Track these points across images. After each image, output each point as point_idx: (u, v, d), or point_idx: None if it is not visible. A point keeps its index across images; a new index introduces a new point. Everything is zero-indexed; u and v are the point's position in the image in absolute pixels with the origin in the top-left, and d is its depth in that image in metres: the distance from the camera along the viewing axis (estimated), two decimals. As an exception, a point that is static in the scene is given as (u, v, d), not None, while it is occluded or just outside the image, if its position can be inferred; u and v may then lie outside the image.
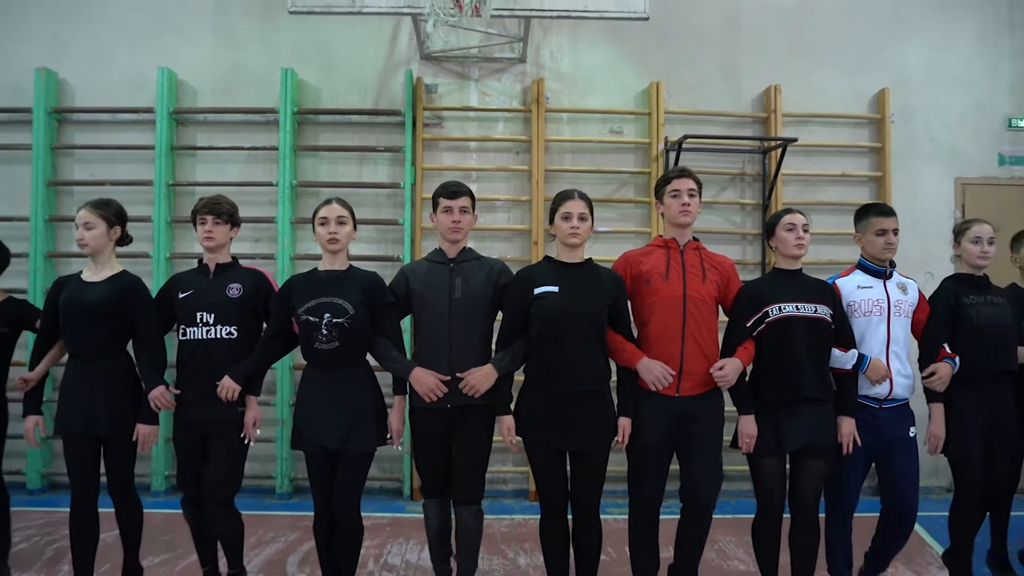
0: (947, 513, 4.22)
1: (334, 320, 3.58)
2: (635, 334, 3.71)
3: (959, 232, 4.24)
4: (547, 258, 3.77)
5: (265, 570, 4.56)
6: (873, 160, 6.76)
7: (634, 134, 6.65)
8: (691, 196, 3.68)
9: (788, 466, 3.76)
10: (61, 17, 6.63)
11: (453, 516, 3.83)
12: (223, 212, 3.86)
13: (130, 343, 3.86)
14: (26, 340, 4.55)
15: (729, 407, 3.70)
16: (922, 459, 3.93)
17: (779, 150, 6.35)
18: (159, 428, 3.89)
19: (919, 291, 4.00)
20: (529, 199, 6.43)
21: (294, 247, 6.35)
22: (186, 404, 3.79)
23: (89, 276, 3.83)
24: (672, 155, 6.34)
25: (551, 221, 3.71)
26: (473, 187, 6.28)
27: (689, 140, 6.22)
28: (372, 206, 6.44)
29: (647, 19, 5.08)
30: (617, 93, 6.66)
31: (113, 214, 3.89)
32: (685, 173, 3.74)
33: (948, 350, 3.96)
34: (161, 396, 3.73)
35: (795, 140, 6.25)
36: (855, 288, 3.90)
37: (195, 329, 3.76)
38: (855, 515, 3.91)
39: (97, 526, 3.84)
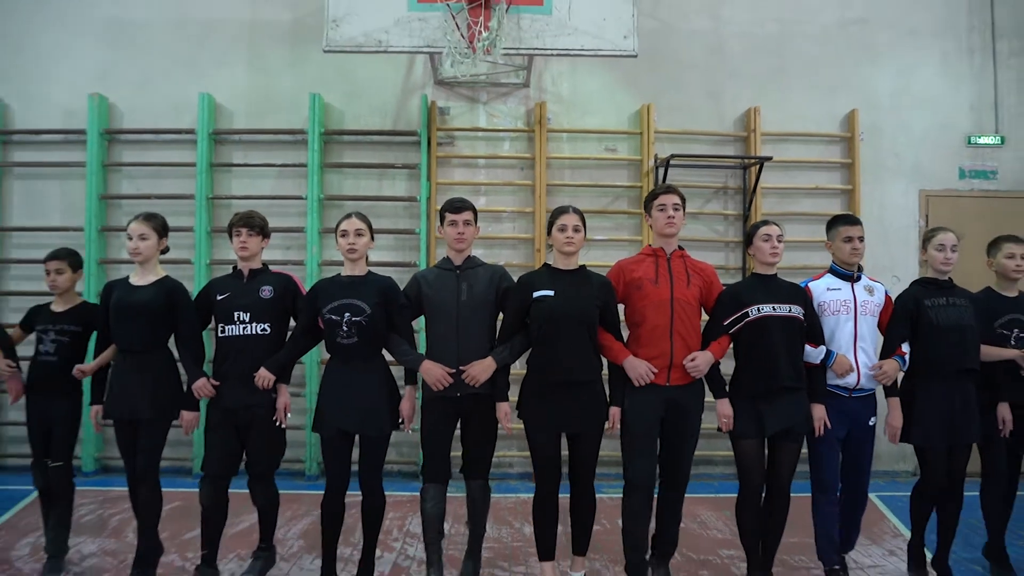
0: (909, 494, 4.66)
1: (353, 319, 4.12)
2: (629, 333, 4.24)
3: (926, 240, 4.58)
4: (545, 265, 4.31)
5: (303, 538, 5.27)
6: (844, 175, 7.44)
7: (627, 152, 7.36)
8: (675, 210, 4.20)
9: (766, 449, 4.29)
10: (111, 47, 7.34)
11: (465, 493, 4.39)
12: (255, 225, 4.42)
13: (171, 339, 4.42)
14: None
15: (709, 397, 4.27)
16: (890, 446, 4.48)
17: (757, 166, 7.03)
18: (200, 414, 4.43)
19: (886, 293, 4.48)
20: (533, 211, 7.12)
21: (321, 254, 7.05)
22: (224, 393, 4.29)
23: (137, 280, 4.37)
24: (661, 171, 7.03)
25: (549, 232, 4.25)
26: (482, 200, 7.14)
27: (676, 158, 6.92)
28: (391, 217, 7.14)
29: (636, 56, 5.75)
30: (612, 114, 7.36)
31: (161, 226, 4.46)
32: (671, 190, 4.28)
33: (904, 348, 4.39)
34: (204, 386, 4.27)
35: (771, 158, 6.95)
36: (825, 290, 4.39)
37: (233, 327, 4.29)
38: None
39: (160, 499, 4.38)
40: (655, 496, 4.27)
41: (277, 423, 4.33)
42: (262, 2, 7.34)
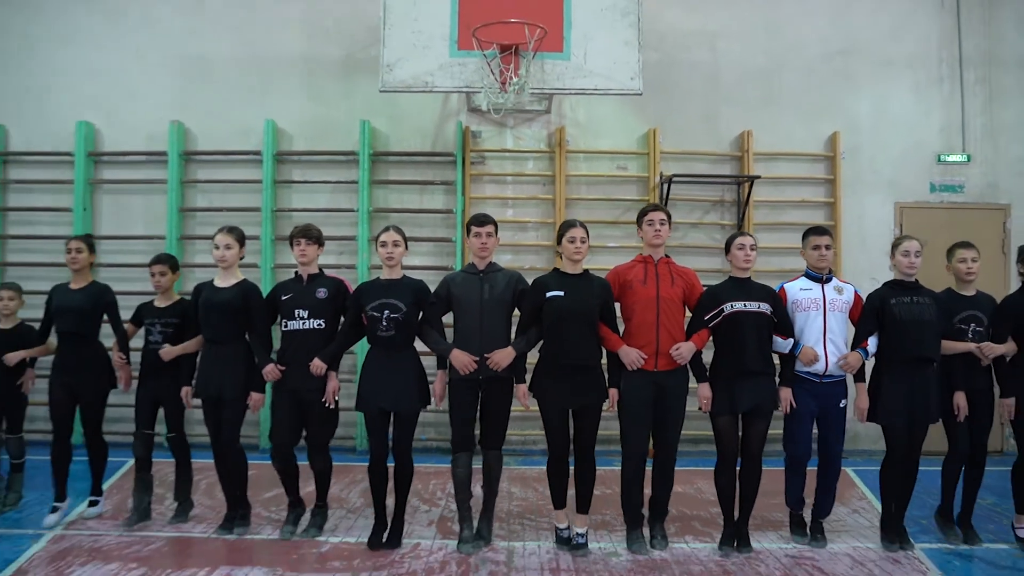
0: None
1: (391, 315, 5.01)
2: (624, 326, 5.13)
3: (894, 246, 5.23)
4: (555, 269, 5.11)
5: (361, 496, 6.36)
6: (827, 189, 8.45)
7: (636, 169, 8.40)
8: (661, 224, 5.10)
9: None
10: (187, 79, 8.46)
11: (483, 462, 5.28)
12: (312, 236, 5.32)
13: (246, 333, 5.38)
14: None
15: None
16: (867, 428, 5.27)
17: (749, 182, 8.05)
18: (265, 396, 5.35)
19: (856, 293, 5.26)
20: (553, 221, 8.15)
21: (370, 260, 8.13)
22: (287, 377, 5.21)
23: (220, 283, 5.33)
24: (665, 187, 8.06)
25: (559, 242, 5.09)
26: (509, 212, 8.18)
27: (678, 176, 7.95)
28: (430, 227, 8.21)
29: (640, 94, 6.79)
30: (622, 137, 8.40)
31: (241, 237, 5.43)
32: (657, 208, 5.19)
33: (870, 341, 5.08)
34: (272, 371, 5.19)
35: (759, 176, 7.98)
36: (798, 290, 5.21)
37: (294, 322, 5.15)
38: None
39: (245, 463, 5.44)
40: (649, 466, 5.17)
41: (327, 404, 5.19)
42: (318, 40, 8.43)
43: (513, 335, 5.11)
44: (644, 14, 6.99)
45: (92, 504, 5.79)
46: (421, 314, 5.13)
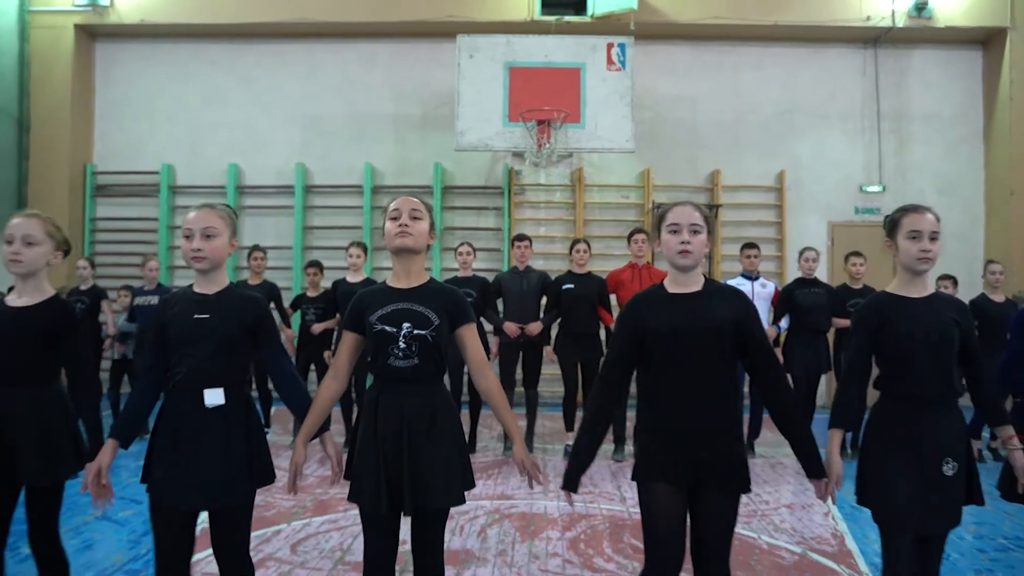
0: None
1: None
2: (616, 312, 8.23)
3: (800, 255, 7.67)
4: (569, 271, 7.87)
5: None
6: (776, 212, 11.44)
7: (635, 198, 11.44)
8: (643, 242, 7.80)
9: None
10: (307, 131, 11.59)
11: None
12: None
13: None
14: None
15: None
16: None
17: (716, 208, 11.07)
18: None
19: (775, 287, 7.99)
20: (574, 236, 11.15)
21: (441, 264, 11.22)
22: None
23: (351, 279, 8.04)
24: (656, 212, 11.06)
25: (570, 253, 7.89)
26: (541, 229, 11.26)
27: (663, 207, 10.96)
28: (485, 240, 11.28)
29: (633, 151, 9.83)
30: (625, 174, 11.43)
31: (366, 248, 8.44)
32: (640, 231, 7.97)
33: (783, 320, 7.87)
34: None
35: (721, 205, 11.00)
36: (736, 285, 8.28)
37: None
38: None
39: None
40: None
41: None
42: (402, 103, 11.53)
43: (542, 314, 7.90)
44: (641, 84, 10.06)
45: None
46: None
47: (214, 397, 2.93)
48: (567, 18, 10.88)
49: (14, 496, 3.21)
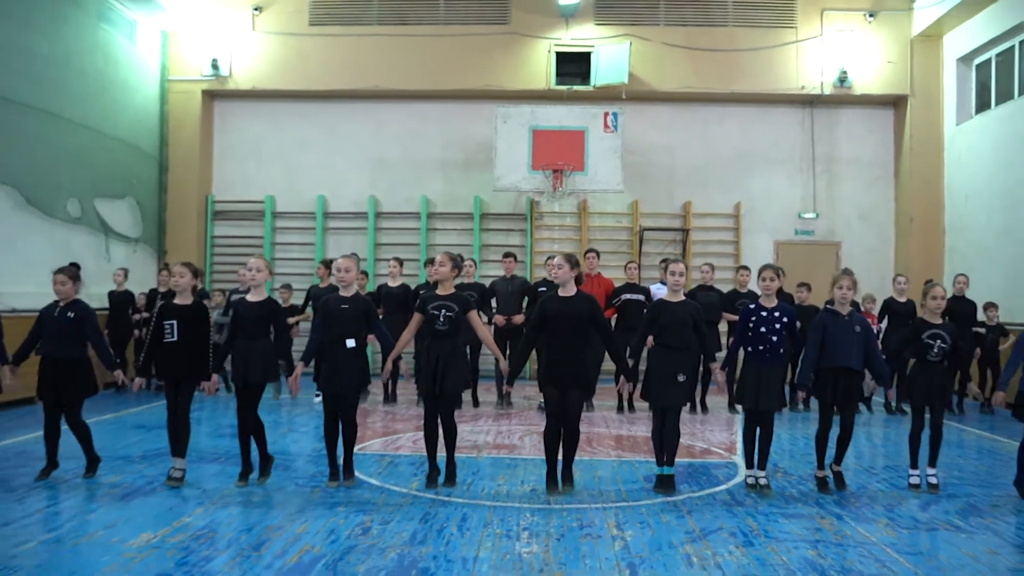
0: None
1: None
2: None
3: (751, 270, 12.05)
4: (544, 278, 11.84)
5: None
6: (734, 234, 15.01)
7: (626, 223, 15.05)
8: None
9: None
10: (375, 169, 15.24)
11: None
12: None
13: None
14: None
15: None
16: None
17: (685, 232, 14.65)
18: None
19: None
20: (579, 252, 14.78)
21: (481, 272, 14.80)
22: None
23: (391, 283, 11.85)
24: (642, 234, 14.66)
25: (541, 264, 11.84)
26: (555, 247, 14.93)
27: (648, 229, 14.58)
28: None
29: (623, 191, 13.43)
30: (618, 205, 15.03)
31: (402, 263, 12.14)
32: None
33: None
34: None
35: (691, 229, 14.59)
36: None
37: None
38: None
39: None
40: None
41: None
42: (449, 149, 15.17)
43: (523, 309, 11.34)
44: (632, 135, 13.72)
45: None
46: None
47: (350, 343, 6.49)
48: (575, 87, 14.48)
49: (254, 397, 6.47)
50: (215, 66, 14.84)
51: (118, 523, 5.35)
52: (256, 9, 14.91)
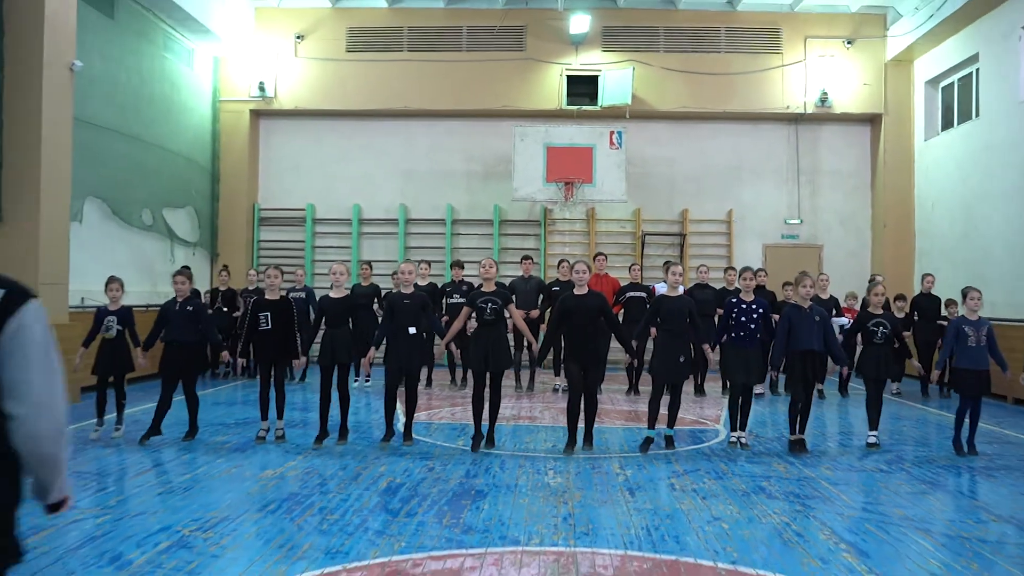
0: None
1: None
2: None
3: (740, 272, 13.89)
4: (556, 279, 13.50)
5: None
6: (726, 238, 16.72)
7: (630, 228, 16.77)
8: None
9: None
10: (405, 180, 16.99)
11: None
12: (460, 265, 13.62)
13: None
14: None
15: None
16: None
17: (683, 236, 16.36)
18: None
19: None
20: (588, 254, 16.50)
21: (501, 274, 16.52)
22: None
23: (418, 283, 13.68)
24: (644, 238, 16.37)
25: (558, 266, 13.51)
26: (566, 250, 16.71)
27: (649, 234, 16.31)
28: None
29: (626, 201, 15.15)
30: (623, 212, 16.73)
31: (429, 264, 13.86)
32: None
33: None
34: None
35: (686, 234, 16.30)
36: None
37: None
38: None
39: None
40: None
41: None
42: (471, 162, 16.92)
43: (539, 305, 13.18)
44: (635, 150, 15.43)
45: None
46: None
47: (412, 330, 8.19)
48: (584, 107, 16.21)
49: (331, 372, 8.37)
50: (261, 88, 16.60)
51: (243, 465, 7.11)
52: (298, 37, 16.67)
